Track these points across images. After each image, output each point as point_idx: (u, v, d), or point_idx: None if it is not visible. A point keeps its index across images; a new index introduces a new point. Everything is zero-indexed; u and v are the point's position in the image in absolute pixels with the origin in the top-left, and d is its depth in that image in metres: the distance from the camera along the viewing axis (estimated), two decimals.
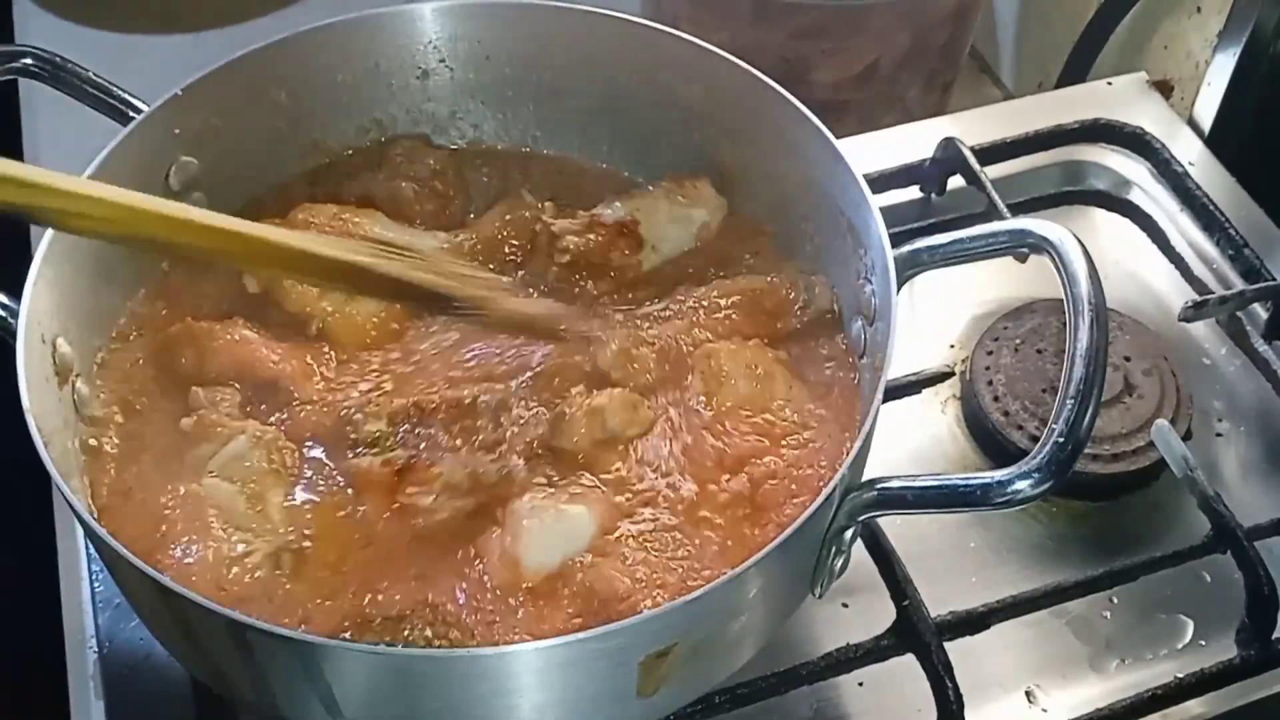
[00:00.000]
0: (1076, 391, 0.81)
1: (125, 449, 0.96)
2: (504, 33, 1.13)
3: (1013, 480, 0.80)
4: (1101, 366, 0.82)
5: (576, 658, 0.80)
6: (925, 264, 0.94)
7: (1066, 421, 0.80)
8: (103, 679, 0.99)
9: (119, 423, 0.97)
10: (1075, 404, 0.81)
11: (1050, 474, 0.79)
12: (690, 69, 1.08)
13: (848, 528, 0.87)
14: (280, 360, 0.99)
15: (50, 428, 0.89)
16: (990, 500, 0.81)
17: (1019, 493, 0.80)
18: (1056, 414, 0.81)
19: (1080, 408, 0.81)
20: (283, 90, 1.10)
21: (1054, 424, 0.81)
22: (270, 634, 0.78)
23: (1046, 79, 1.55)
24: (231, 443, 0.93)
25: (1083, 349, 0.83)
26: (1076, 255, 0.86)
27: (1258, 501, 1.11)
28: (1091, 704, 0.99)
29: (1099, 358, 0.82)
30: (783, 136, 1.05)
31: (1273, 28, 1.30)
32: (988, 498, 0.81)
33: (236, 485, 0.92)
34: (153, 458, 0.95)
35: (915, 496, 0.84)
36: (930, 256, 0.94)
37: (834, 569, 0.90)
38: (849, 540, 0.88)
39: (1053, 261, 0.87)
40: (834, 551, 0.88)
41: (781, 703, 0.98)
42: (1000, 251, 0.93)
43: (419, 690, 0.81)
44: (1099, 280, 0.85)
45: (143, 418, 0.98)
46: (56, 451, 0.87)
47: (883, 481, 0.85)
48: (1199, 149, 1.34)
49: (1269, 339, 1.20)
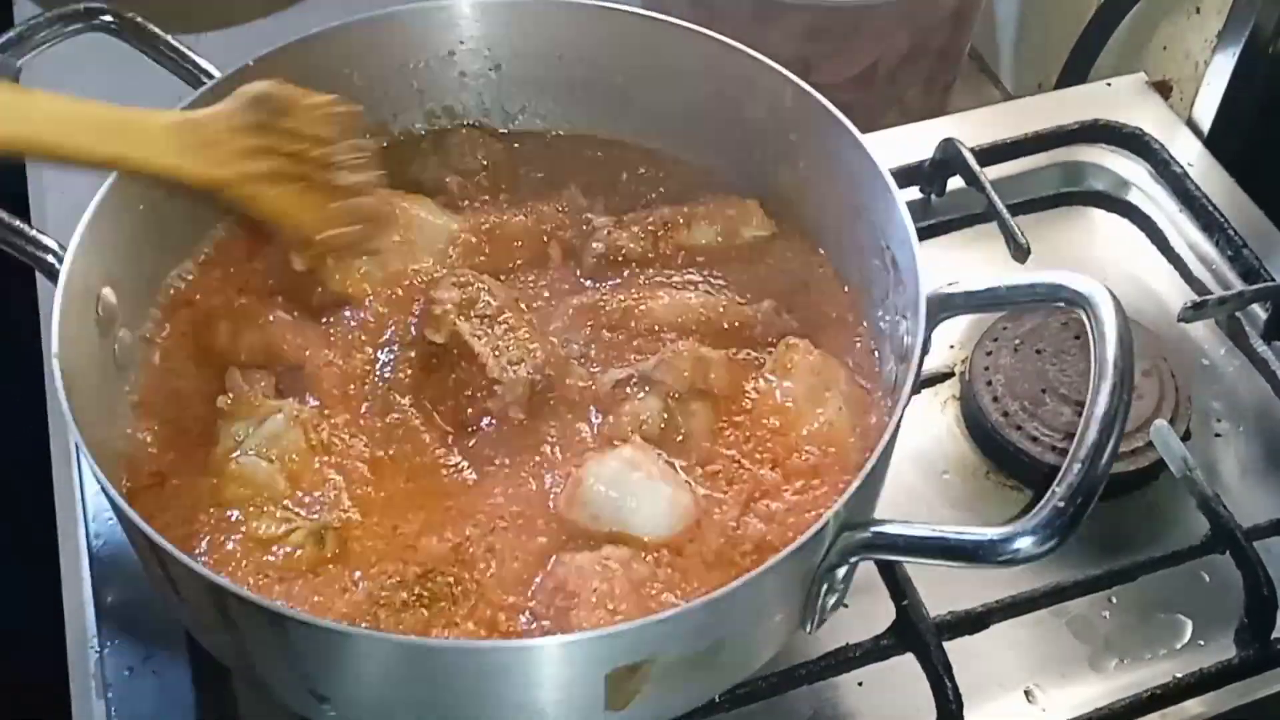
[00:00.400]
0: (1087, 455, 0.78)
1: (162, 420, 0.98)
2: (576, 33, 1.13)
3: (1014, 538, 0.77)
4: (1117, 433, 0.79)
5: (537, 661, 0.80)
6: (959, 308, 0.92)
7: (1070, 486, 0.77)
8: (103, 679, 0.99)
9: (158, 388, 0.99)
10: (1083, 467, 0.78)
11: (1054, 532, 0.77)
12: (754, 86, 1.08)
13: (839, 566, 0.85)
14: (306, 347, 1.01)
15: (77, 372, 0.89)
16: (989, 559, 0.79)
17: (1019, 552, 0.77)
18: (1063, 475, 0.78)
19: (1089, 471, 0.78)
20: (354, 70, 1.11)
21: (1057, 485, 0.78)
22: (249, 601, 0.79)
23: (1046, 80, 1.55)
24: (268, 421, 0.95)
25: (1099, 413, 0.80)
26: (1109, 315, 0.83)
27: (1256, 502, 1.11)
28: (1091, 703, 0.99)
29: (1115, 424, 0.79)
30: (836, 161, 1.04)
31: (1272, 28, 1.30)
32: (987, 556, 0.79)
33: (275, 464, 0.93)
34: (188, 431, 0.97)
35: (909, 544, 0.82)
36: (965, 301, 0.92)
37: (826, 605, 0.88)
38: (842, 578, 0.86)
39: (1085, 317, 0.84)
40: (825, 588, 0.86)
41: (781, 702, 0.99)
42: (1035, 303, 0.91)
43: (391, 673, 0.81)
44: (1130, 343, 0.82)
45: (180, 383, 1.00)
46: (79, 400, 0.87)
47: (881, 524, 0.84)
48: (1198, 150, 1.34)
49: (1268, 339, 1.20)
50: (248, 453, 0.93)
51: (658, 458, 0.94)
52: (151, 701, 0.98)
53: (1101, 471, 0.78)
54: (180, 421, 0.98)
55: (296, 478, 0.93)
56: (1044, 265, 1.24)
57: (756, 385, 1.00)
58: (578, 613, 0.86)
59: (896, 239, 0.97)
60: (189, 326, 1.03)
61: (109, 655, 1.00)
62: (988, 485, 1.12)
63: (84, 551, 1.05)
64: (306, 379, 1.00)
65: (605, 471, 0.92)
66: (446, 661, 0.81)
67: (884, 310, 1.01)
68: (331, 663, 0.82)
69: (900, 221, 0.95)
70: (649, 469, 0.92)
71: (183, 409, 0.99)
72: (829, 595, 0.87)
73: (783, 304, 1.06)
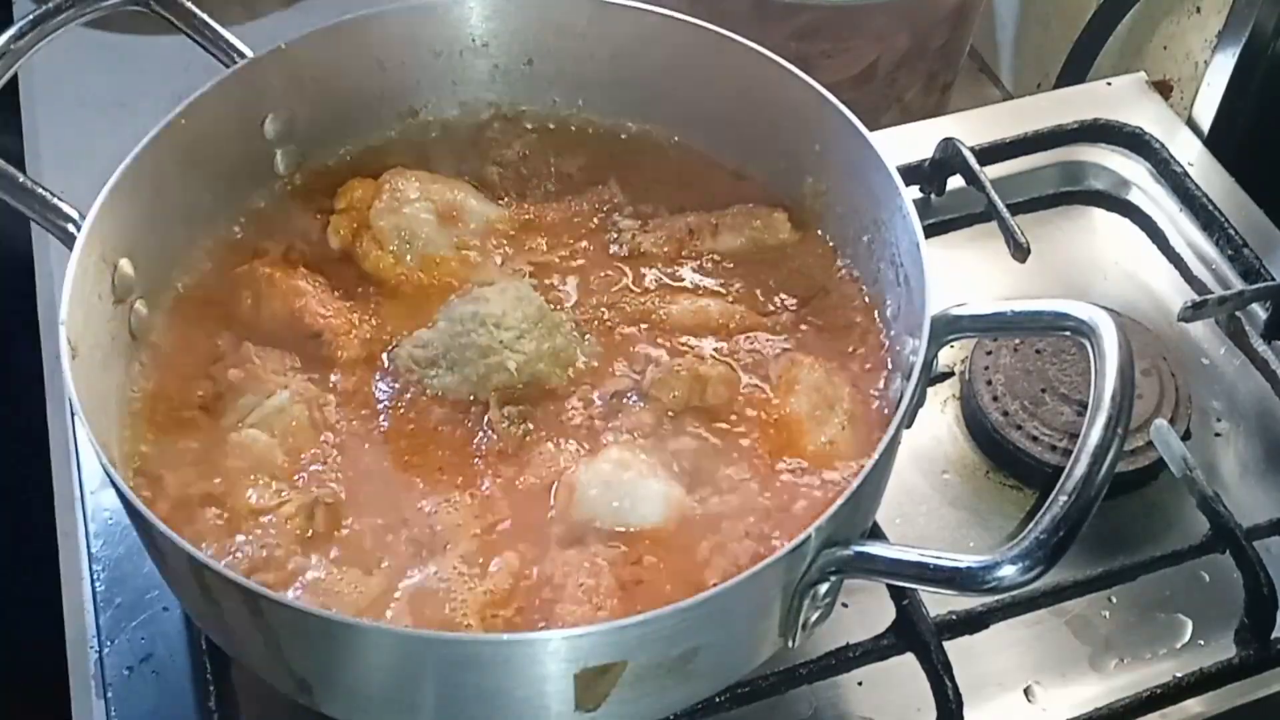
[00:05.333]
0: (1074, 488, 0.76)
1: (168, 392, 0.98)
2: (606, 29, 1.13)
3: (997, 566, 0.75)
4: (1108, 467, 0.77)
5: (503, 656, 0.79)
6: (965, 330, 0.90)
7: (1054, 518, 0.75)
8: (103, 679, 0.99)
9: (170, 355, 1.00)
10: (1069, 500, 0.76)
11: (1036, 561, 0.75)
12: (781, 95, 1.07)
13: (820, 582, 0.83)
14: (329, 316, 1.02)
15: (85, 339, 0.90)
16: (970, 587, 0.77)
17: (1002, 580, 0.75)
18: (1049, 504, 0.76)
19: (1075, 504, 0.76)
20: (385, 58, 1.11)
21: (1041, 516, 0.76)
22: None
23: (1046, 79, 1.55)
24: (274, 396, 0.96)
25: (1090, 447, 0.77)
26: (1112, 349, 0.80)
27: (1256, 501, 1.11)
28: (1091, 703, 0.99)
29: (1105, 460, 0.77)
30: (857, 176, 1.03)
31: (1272, 28, 1.30)
32: (968, 583, 0.77)
33: (276, 438, 0.95)
34: (193, 405, 0.98)
35: (889, 566, 0.81)
36: (971, 324, 0.90)
37: (808, 620, 0.86)
38: (825, 594, 0.84)
39: (1089, 346, 0.82)
40: (806, 603, 0.84)
41: (781, 702, 0.99)
42: (1041, 330, 0.89)
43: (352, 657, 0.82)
44: (1130, 379, 0.80)
45: (191, 358, 1.01)
46: (81, 368, 0.88)
47: (865, 544, 0.82)
48: (1198, 149, 1.34)
49: (1268, 339, 1.20)
50: (250, 425, 0.95)
51: (646, 458, 0.94)
52: (151, 701, 0.98)
53: (1089, 504, 0.76)
54: (186, 396, 0.99)
55: (296, 452, 0.95)
56: (1044, 264, 1.25)
57: (758, 400, 0.99)
58: (563, 606, 0.86)
59: (909, 257, 0.96)
60: (210, 295, 1.04)
61: (108, 655, 1.00)
62: (988, 485, 1.12)
63: (84, 552, 1.05)
64: (325, 346, 1.01)
65: (597, 476, 0.92)
66: (414, 650, 0.81)
67: (896, 326, 1.01)
68: (305, 645, 0.82)
69: (913, 241, 0.94)
70: (639, 468, 0.93)
71: (190, 383, 0.99)
72: (811, 610, 0.85)
73: (802, 312, 1.06)
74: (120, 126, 1.01)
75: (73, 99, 1.47)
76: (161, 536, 0.81)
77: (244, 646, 0.90)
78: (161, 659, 0.99)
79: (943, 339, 0.90)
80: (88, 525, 1.06)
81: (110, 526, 1.05)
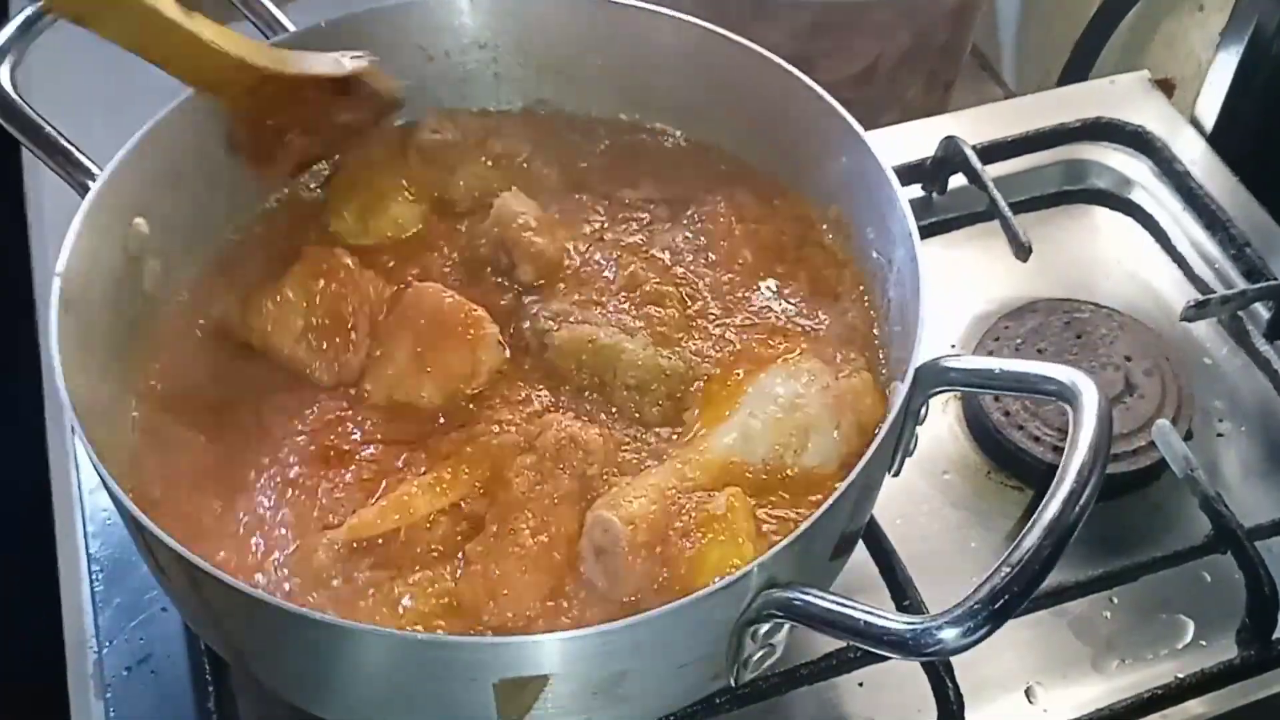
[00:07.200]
0: (1018, 560, 0.73)
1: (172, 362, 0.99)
2: (606, 29, 1.13)
3: (934, 630, 0.73)
4: (1055, 542, 0.74)
5: (421, 658, 0.79)
6: (952, 383, 0.88)
7: (993, 588, 0.73)
8: (102, 679, 0.99)
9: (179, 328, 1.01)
10: (1012, 571, 0.73)
11: (976, 626, 0.73)
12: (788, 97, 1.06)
13: (759, 622, 0.80)
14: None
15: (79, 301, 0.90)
16: (906, 651, 0.74)
17: (944, 645, 0.73)
18: (990, 575, 0.73)
19: (1016, 577, 0.73)
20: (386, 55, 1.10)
21: (982, 585, 0.73)
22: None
23: (1048, 77, 1.55)
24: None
25: (1045, 520, 0.74)
26: (1089, 421, 0.77)
27: (1258, 501, 1.10)
28: (1092, 704, 0.99)
29: (1058, 535, 0.74)
30: (866, 190, 1.01)
31: (1275, 26, 1.30)
32: (903, 647, 0.74)
33: None
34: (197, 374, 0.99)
35: (824, 617, 0.77)
36: (957, 376, 0.87)
37: (751, 660, 0.82)
38: (766, 635, 0.81)
39: (1070, 414, 0.79)
40: (748, 641, 0.81)
41: (781, 703, 0.98)
42: (1026, 391, 0.86)
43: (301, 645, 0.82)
44: (1104, 454, 0.77)
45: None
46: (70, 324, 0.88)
47: (805, 590, 0.78)
48: (1201, 148, 1.34)
49: (1270, 339, 1.19)
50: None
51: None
52: (150, 702, 0.98)
53: (1034, 578, 0.73)
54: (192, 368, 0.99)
55: None
56: (1046, 264, 1.25)
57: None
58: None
59: (913, 288, 0.92)
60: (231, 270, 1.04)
61: (107, 655, 1.00)
62: (989, 485, 1.12)
63: (82, 552, 1.05)
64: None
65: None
66: (350, 642, 0.80)
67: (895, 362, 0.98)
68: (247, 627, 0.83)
69: (914, 269, 0.92)
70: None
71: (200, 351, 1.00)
72: (756, 650, 0.82)
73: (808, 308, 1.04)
74: (120, 126, 1.01)
75: (71, 95, 1.46)
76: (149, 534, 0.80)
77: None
78: (160, 659, 0.99)
79: (929, 390, 0.88)
80: (86, 526, 1.06)
81: (109, 527, 1.05)
